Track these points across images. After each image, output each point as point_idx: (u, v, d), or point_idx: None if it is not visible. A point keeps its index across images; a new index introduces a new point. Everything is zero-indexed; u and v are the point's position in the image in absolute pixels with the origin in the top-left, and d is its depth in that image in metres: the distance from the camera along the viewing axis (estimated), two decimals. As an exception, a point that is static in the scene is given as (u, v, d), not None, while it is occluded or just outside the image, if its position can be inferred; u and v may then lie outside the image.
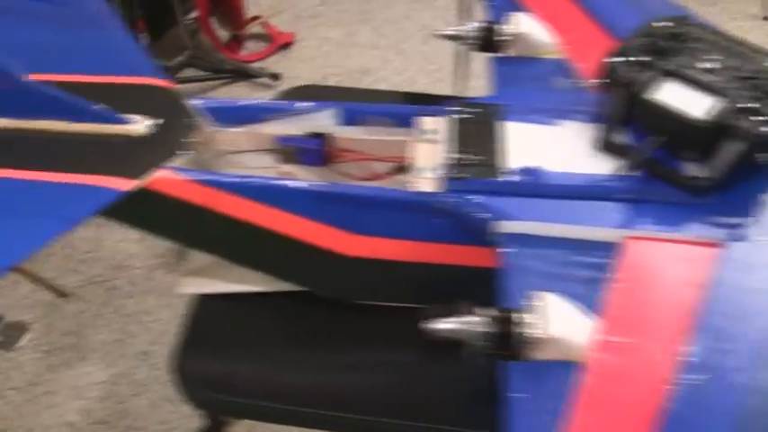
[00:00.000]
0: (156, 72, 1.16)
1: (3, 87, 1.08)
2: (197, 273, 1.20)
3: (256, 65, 3.13)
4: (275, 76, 3.00)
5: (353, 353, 1.08)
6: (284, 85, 2.89)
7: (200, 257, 1.20)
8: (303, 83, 1.98)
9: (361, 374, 1.06)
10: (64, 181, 1.02)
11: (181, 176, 1.03)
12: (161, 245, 2.49)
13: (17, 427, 2.07)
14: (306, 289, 1.13)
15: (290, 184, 1.03)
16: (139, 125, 1.09)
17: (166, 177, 1.03)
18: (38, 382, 2.16)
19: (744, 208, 0.95)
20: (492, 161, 1.00)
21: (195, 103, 1.12)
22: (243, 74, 3.02)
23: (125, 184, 1.01)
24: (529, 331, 0.82)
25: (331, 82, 3.00)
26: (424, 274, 1.02)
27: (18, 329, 2.21)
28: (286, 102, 1.16)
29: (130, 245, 2.54)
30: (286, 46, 3.25)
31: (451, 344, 0.91)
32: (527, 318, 0.83)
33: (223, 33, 3.24)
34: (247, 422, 1.90)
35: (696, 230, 0.94)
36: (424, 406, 0.99)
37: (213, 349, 1.13)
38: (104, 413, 2.09)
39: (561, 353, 0.83)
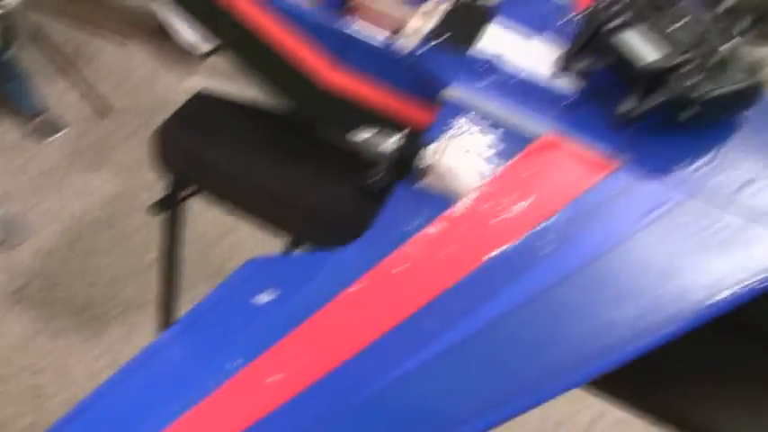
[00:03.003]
0: None
1: None
2: (209, 74, 1.38)
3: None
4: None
5: (301, 170, 1.26)
6: None
7: (216, 62, 1.38)
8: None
9: (300, 185, 1.24)
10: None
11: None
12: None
13: (23, 201, 2.29)
14: (289, 111, 1.31)
15: (300, 6, 1.21)
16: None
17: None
18: (54, 173, 2.39)
19: (651, 148, 1.10)
20: (465, 44, 1.16)
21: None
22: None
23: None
24: (426, 158, 0.99)
25: None
26: (377, 119, 1.19)
27: (56, 126, 2.45)
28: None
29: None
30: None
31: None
32: (430, 147, 1.00)
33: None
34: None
35: (603, 151, 1.09)
36: (339, 224, 1.15)
37: (194, 129, 1.31)
38: (99, 218, 2.32)
39: (444, 185, 1.00)
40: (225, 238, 2.30)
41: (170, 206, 1.38)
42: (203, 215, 2.30)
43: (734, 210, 1.03)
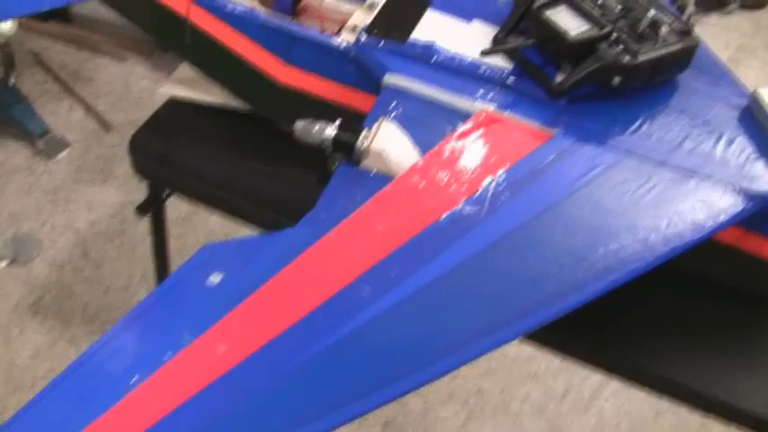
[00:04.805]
0: None
1: None
2: (178, 81, 1.46)
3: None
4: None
5: (263, 163, 1.34)
6: None
7: (184, 71, 1.47)
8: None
9: (262, 178, 1.32)
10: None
11: (170, -14, 1.30)
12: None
13: (35, 218, 2.39)
14: (249, 110, 1.39)
15: (248, 11, 1.28)
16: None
17: (159, -16, 1.30)
18: (62, 189, 2.48)
19: (585, 116, 1.16)
20: (402, 32, 1.23)
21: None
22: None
23: (127, -20, 1.29)
24: (360, 141, 1.07)
25: None
26: (330, 111, 1.27)
27: (60, 144, 2.55)
28: (275, -43, 1.41)
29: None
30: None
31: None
32: (364, 132, 1.08)
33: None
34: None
35: (539, 122, 1.16)
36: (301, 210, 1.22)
37: (164, 134, 1.40)
38: (107, 228, 2.39)
39: (381, 165, 1.07)
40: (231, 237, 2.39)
41: (150, 209, 1.46)
42: (210, 216, 2.39)
43: (667, 167, 1.09)
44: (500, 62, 1.20)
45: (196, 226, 2.42)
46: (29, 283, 2.25)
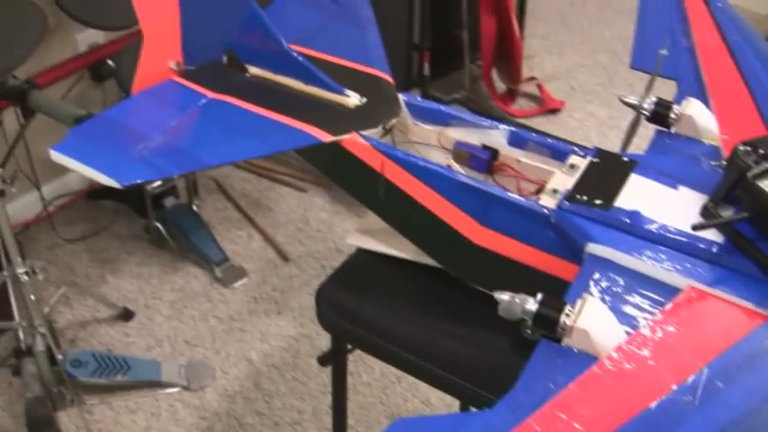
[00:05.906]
0: (385, 68, 1.45)
1: (270, 48, 1.41)
2: (366, 232, 1.46)
3: (521, 121, 3.36)
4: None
5: (454, 324, 1.30)
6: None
7: (373, 220, 1.46)
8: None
9: (454, 342, 1.28)
10: (284, 122, 1.33)
11: (367, 142, 1.30)
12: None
13: (209, 346, 2.44)
14: (440, 266, 1.36)
15: (445, 170, 1.27)
16: (352, 99, 1.38)
17: (356, 140, 1.31)
18: (237, 318, 2.52)
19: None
20: (606, 198, 1.19)
21: (402, 97, 1.40)
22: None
23: (325, 137, 1.30)
24: (564, 318, 1.02)
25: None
26: (527, 276, 1.23)
27: (238, 273, 2.61)
28: (472, 114, 1.40)
29: (352, 234, 2.85)
30: (554, 111, 3.48)
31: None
32: (567, 309, 1.03)
33: (500, 86, 3.53)
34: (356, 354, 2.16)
35: (754, 302, 1.08)
36: (493, 379, 1.18)
37: (351, 287, 1.39)
38: (280, 361, 2.40)
39: (585, 344, 1.02)
40: (404, 378, 2.36)
41: (332, 361, 1.44)
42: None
43: None
44: (710, 234, 1.13)
45: (369, 364, 2.40)
46: (200, 410, 2.27)
